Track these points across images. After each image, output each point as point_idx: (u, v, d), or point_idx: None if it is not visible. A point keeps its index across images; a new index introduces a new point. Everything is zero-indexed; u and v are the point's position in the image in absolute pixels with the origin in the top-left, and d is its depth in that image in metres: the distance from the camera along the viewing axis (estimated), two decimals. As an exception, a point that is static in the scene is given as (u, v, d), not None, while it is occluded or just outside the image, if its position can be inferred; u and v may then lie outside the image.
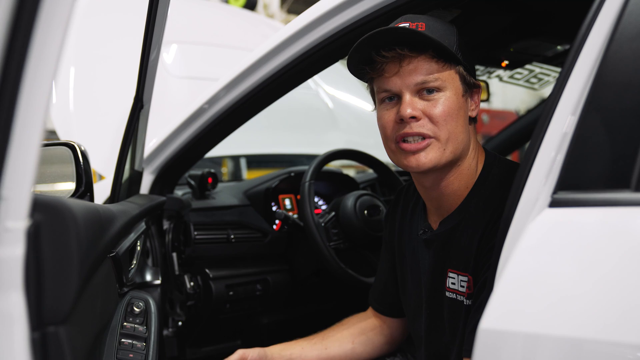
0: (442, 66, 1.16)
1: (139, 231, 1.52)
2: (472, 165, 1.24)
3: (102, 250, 0.98)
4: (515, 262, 0.82)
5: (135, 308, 1.38)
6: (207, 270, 1.95)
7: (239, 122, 1.81)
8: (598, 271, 0.75)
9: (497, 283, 0.84)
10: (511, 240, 0.88)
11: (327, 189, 2.30)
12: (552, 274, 0.79)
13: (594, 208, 0.79)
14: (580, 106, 0.86)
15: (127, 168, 1.63)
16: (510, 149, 3.00)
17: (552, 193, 0.85)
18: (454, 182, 1.24)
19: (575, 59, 0.90)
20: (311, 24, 1.44)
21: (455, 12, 1.48)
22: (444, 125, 1.16)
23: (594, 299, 0.74)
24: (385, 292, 1.54)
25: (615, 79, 0.83)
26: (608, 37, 0.86)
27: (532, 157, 0.90)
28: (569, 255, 0.78)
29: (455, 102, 1.17)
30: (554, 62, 2.17)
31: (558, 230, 0.81)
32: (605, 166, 0.81)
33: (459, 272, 1.23)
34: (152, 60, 1.47)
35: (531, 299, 0.79)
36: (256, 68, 1.59)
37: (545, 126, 0.90)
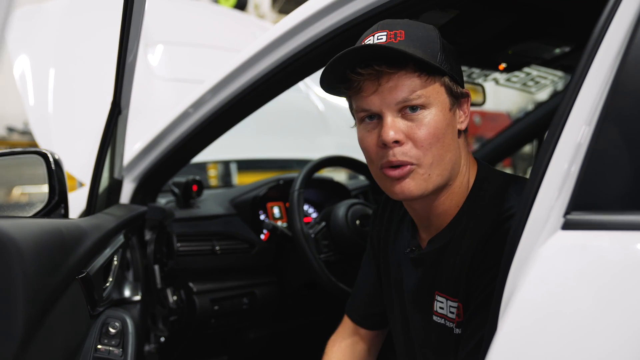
0: (426, 80, 1.04)
1: (116, 245, 1.43)
2: (463, 182, 1.14)
3: (67, 274, 0.89)
4: (525, 294, 0.73)
5: (110, 329, 1.29)
6: (191, 283, 1.86)
7: (226, 126, 1.73)
8: (621, 305, 0.66)
9: (503, 319, 0.75)
10: (518, 267, 0.79)
11: (317, 196, 2.22)
12: (567, 308, 0.70)
13: (614, 232, 0.71)
14: (595, 116, 0.77)
15: (106, 177, 1.54)
16: (505, 154, 2.94)
17: (565, 213, 0.76)
18: (445, 202, 1.13)
19: (589, 62, 0.81)
20: (302, 24, 1.36)
21: (453, 12, 1.41)
22: (429, 150, 1.04)
23: (616, 338, 0.65)
24: (368, 303, 1.44)
25: (636, 85, 0.74)
26: (627, 39, 0.78)
27: (541, 171, 0.82)
28: (587, 287, 0.69)
29: (441, 120, 1.05)
30: (552, 65, 2.11)
31: (574, 256, 0.72)
32: (625, 184, 0.72)
33: (448, 296, 1.13)
34: (130, 63, 1.38)
35: (544, 339, 0.70)
36: (244, 70, 1.51)
37: (557, 137, 0.81)
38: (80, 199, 1.90)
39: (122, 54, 1.33)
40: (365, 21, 1.27)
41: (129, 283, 1.65)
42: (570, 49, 1.91)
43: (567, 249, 0.73)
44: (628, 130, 0.74)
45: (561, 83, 2.66)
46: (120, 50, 1.32)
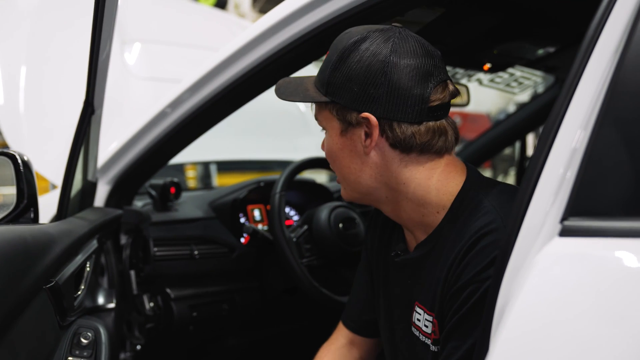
0: (320, 107, 1.13)
1: (88, 251, 1.36)
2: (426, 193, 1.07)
3: (32, 285, 0.83)
4: (520, 307, 0.68)
5: (82, 339, 1.23)
6: (168, 289, 1.80)
7: (204, 127, 1.68)
8: (622, 320, 0.63)
9: (496, 337, 0.70)
10: (511, 278, 0.74)
11: (299, 198, 2.17)
12: (565, 323, 0.66)
13: (615, 239, 0.67)
14: (592, 118, 0.74)
15: (79, 179, 1.48)
16: (487, 156, 2.93)
17: (562, 219, 0.72)
18: (408, 212, 1.10)
19: (584, 63, 0.78)
20: (282, 22, 1.32)
21: (439, 10, 1.38)
22: (334, 166, 1.16)
23: (617, 356, 0.61)
24: (363, 310, 1.40)
25: (636, 86, 0.71)
26: (624, 38, 0.74)
27: (535, 176, 0.78)
28: (585, 299, 0.65)
29: (333, 144, 1.12)
30: (536, 65, 2.10)
31: (571, 265, 0.68)
32: (627, 188, 0.69)
33: (425, 309, 1.09)
34: (103, 60, 1.33)
35: (541, 356, 0.66)
36: (223, 69, 1.47)
37: (551, 140, 0.77)
38: (52, 202, 1.83)
39: (95, 51, 1.27)
40: (348, 19, 1.24)
41: (103, 290, 1.59)
42: (554, 50, 1.89)
43: (565, 257, 0.69)
44: (628, 132, 0.70)
45: (543, 85, 2.65)
46: (92, 47, 1.26)
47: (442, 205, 1.08)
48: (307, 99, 1.11)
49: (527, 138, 3.00)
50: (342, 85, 1.04)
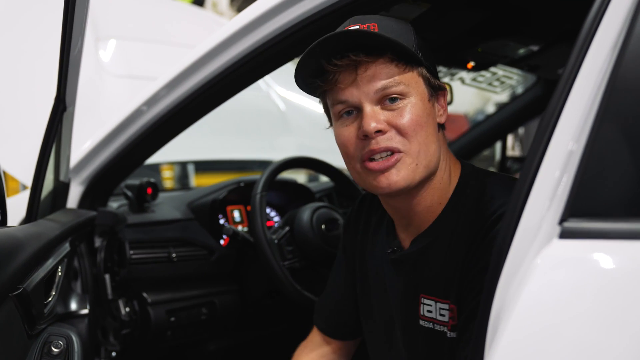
0: (404, 69, 1.02)
1: (60, 255, 1.30)
2: (444, 178, 1.09)
3: (-4, 293, 0.77)
4: (519, 314, 0.65)
5: (53, 348, 1.18)
6: (145, 294, 1.74)
7: (182, 125, 1.64)
8: (625, 324, 0.60)
9: (494, 345, 0.66)
10: (507, 282, 0.71)
11: (280, 199, 2.13)
12: (567, 329, 0.62)
13: (617, 241, 0.64)
14: (591, 117, 0.70)
15: (50, 179, 1.42)
16: (469, 156, 2.92)
17: (561, 220, 0.69)
18: (426, 198, 1.08)
19: (580, 59, 0.74)
20: (262, 17, 1.28)
21: (424, 6, 1.35)
22: (414, 137, 1.01)
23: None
24: (338, 312, 1.38)
25: (637, 83, 0.68)
26: (623, 33, 0.71)
27: (530, 176, 0.74)
28: (590, 305, 0.62)
29: (422, 109, 1.02)
30: (519, 64, 2.09)
31: (574, 269, 0.65)
32: (626, 189, 0.66)
33: (437, 298, 1.07)
34: (75, 56, 1.27)
35: None
36: (201, 66, 1.42)
37: (546, 140, 0.74)
38: (23, 204, 1.76)
39: (66, 46, 1.22)
40: (332, 13, 1.20)
41: (76, 295, 1.52)
42: (537, 49, 1.88)
43: (566, 260, 0.66)
44: (629, 131, 0.67)
45: (523, 85, 2.65)
46: (63, 41, 1.21)
47: (447, 195, 1.09)
48: (411, 47, 1.00)
49: (507, 138, 3.01)
50: (427, 53, 1.06)
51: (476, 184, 1.08)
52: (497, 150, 3.24)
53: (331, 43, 1.00)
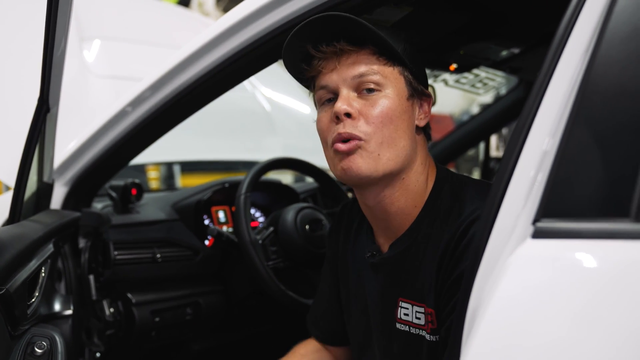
0: (384, 63, 1.06)
1: (43, 256, 1.30)
2: (420, 181, 1.10)
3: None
4: (492, 311, 0.67)
5: (37, 349, 1.17)
6: (130, 294, 1.74)
7: (167, 126, 1.63)
8: (596, 322, 0.61)
9: (469, 341, 0.68)
10: (483, 280, 0.73)
11: (264, 199, 2.13)
12: (539, 326, 0.64)
13: (588, 240, 0.66)
14: (564, 119, 0.73)
15: (34, 180, 1.42)
16: (452, 157, 2.95)
17: (534, 221, 0.71)
18: (399, 199, 1.09)
19: (554, 63, 0.77)
20: (246, 19, 1.28)
21: (407, 9, 1.36)
22: (379, 128, 1.03)
23: (595, 357, 0.60)
24: (327, 318, 1.39)
25: (606, 87, 0.70)
26: (595, 38, 0.73)
27: (505, 178, 0.76)
28: (561, 302, 0.64)
29: (396, 104, 1.05)
30: (501, 66, 2.12)
31: (546, 268, 0.67)
32: (598, 189, 0.68)
33: (413, 302, 1.09)
34: (58, 57, 1.27)
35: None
36: (186, 67, 1.42)
37: (521, 142, 0.76)
38: (5, 205, 1.75)
39: (49, 47, 1.21)
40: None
41: (59, 296, 1.52)
42: (519, 51, 1.91)
43: (538, 259, 0.68)
44: (600, 133, 0.69)
45: (506, 86, 2.68)
46: (46, 42, 1.21)
47: (423, 199, 1.10)
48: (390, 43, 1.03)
49: (491, 139, 3.04)
50: (415, 58, 1.10)
51: (450, 188, 1.10)
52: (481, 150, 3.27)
53: (317, 25, 1.04)
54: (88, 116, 1.96)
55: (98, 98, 2.48)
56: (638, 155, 0.65)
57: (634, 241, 0.64)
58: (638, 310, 0.60)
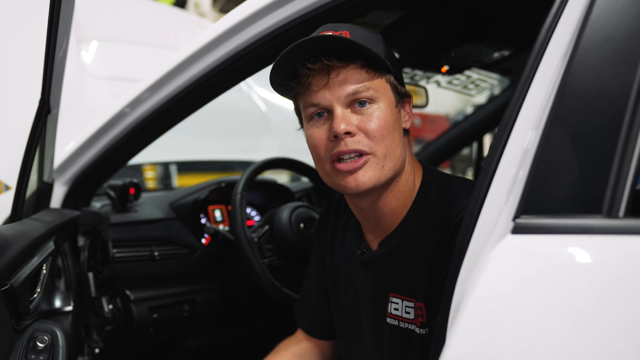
0: (373, 75, 1.07)
1: (45, 253, 1.34)
2: (409, 181, 1.14)
3: (-14, 287, 0.81)
4: (475, 301, 0.71)
5: (38, 343, 1.21)
6: (128, 291, 1.78)
7: (164, 127, 1.66)
8: (569, 311, 0.66)
9: (453, 328, 0.73)
10: (467, 273, 0.77)
11: (260, 199, 2.17)
12: (517, 315, 0.68)
13: (562, 236, 0.70)
14: (543, 120, 0.77)
15: (34, 180, 1.45)
16: (446, 156, 2.98)
17: (514, 217, 0.75)
18: (392, 200, 1.13)
19: (535, 67, 0.81)
20: (243, 22, 1.32)
21: (398, 13, 1.40)
22: (381, 141, 1.06)
23: (566, 342, 0.64)
24: (315, 313, 1.43)
25: (582, 90, 0.74)
26: (572, 45, 0.78)
27: (489, 176, 0.81)
28: (536, 292, 0.68)
29: (390, 114, 1.08)
30: (492, 68, 2.16)
31: (522, 261, 0.71)
32: (573, 188, 0.72)
33: (403, 296, 1.12)
34: (59, 59, 1.30)
35: (493, 348, 0.68)
36: (183, 69, 1.45)
37: (504, 141, 0.80)
38: (5, 204, 1.78)
39: (51, 49, 1.24)
40: (308, 20, 1.25)
41: (59, 293, 1.55)
42: (509, 53, 1.95)
43: (517, 253, 0.72)
44: (576, 135, 0.74)
45: (499, 87, 2.72)
46: (48, 45, 1.24)
47: (411, 198, 1.13)
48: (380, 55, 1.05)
49: (484, 139, 3.07)
50: (395, 62, 1.12)
51: (437, 186, 1.13)
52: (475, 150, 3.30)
53: (307, 47, 1.04)
54: (86, 116, 1.98)
55: (96, 98, 2.50)
56: (610, 156, 0.69)
57: (605, 236, 0.68)
58: (608, 299, 0.64)
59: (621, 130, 0.69)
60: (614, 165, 0.69)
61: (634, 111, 0.69)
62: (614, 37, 0.73)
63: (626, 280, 0.65)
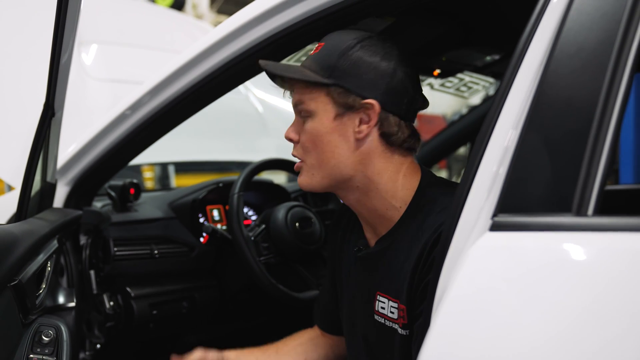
0: (311, 90, 1.15)
1: (49, 251, 1.39)
2: (395, 187, 1.17)
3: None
4: (455, 291, 0.77)
5: (44, 337, 1.26)
6: (128, 288, 1.83)
7: (164, 129, 1.70)
8: (540, 303, 0.71)
9: (435, 316, 0.79)
10: (449, 267, 0.83)
11: (257, 199, 2.22)
12: (493, 306, 0.74)
13: (536, 233, 0.76)
14: (520, 124, 0.83)
15: (38, 180, 1.49)
16: (441, 156, 3.03)
17: (493, 215, 0.81)
18: (369, 201, 1.18)
19: (514, 73, 0.87)
20: (243, 27, 1.36)
21: (389, 20, 1.45)
22: (310, 151, 1.16)
23: (536, 335, 0.70)
24: (327, 309, 1.49)
25: (555, 97, 0.80)
26: (547, 54, 0.83)
27: (472, 175, 0.86)
28: (510, 285, 0.74)
29: (324, 128, 1.14)
30: (484, 71, 2.20)
31: (499, 256, 0.77)
32: (546, 188, 0.78)
33: (389, 297, 1.17)
34: (64, 64, 1.35)
35: (472, 334, 0.74)
36: (184, 72, 1.49)
37: (486, 142, 0.86)
38: (7, 203, 1.82)
39: (56, 54, 1.29)
40: (304, 27, 1.29)
41: (63, 289, 1.61)
42: (499, 57, 2.00)
43: (494, 249, 0.78)
44: (549, 138, 0.79)
45: (492, 88, 2.77)
46: (53, 50, 1.28)
47: (404, 200, 1.17)
48: (307, 77, 1.13)
49: (475, 142, 3.12)
50: (351, 70, 1.12)
51: (431, 193, 1.16)
52: (470, 151, 3.34)
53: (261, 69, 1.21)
54: (86, 118, 2.03)
55: (96, 100, 2.54)
56: (579, 158, 0.75)
57: (574, 233, 0.74)
58: (577, 291, 0.70)
59: (589, 135, 0.75)
60: (582, 167, 0.74)
61: (601, 117, 0.75)
62: (584, 48, 0.79)
63: (594, 273, 0.71)
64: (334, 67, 1.13)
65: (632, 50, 0.76)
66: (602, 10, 0.79)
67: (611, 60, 0.76)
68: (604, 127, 0.75)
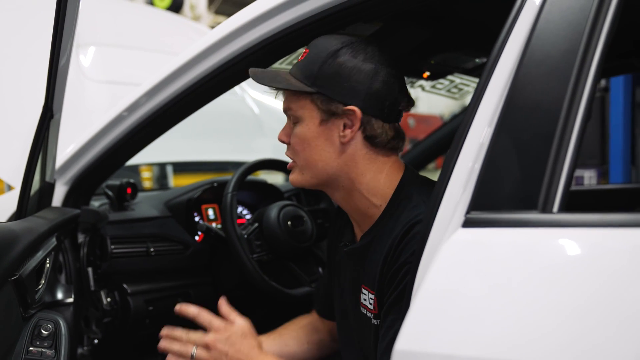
0: (298, 97, 1.22)
1: (48, 248, 1.43)
2: (376, 186, 1.23)
3: (0, 276, 0.91)
4: (430, 282, 0.83)
5: (43, 331, 1.31)
6: (125, 285, 1.87)
7: (161, 130, 1.74)
8: (507, 293, 0.77)
9: (413, 303, 0.85)
10: (427, 260, 0.88)
11: (251, 198, 2.27)
12: (464, 295, 0.80)
13: (504, 229, 0.81)
14: (493, 123, 0.88)
15: (37, 180, 1.54)
16: (435, 155, 3.07)
17: (466, 212, 0.86)
18: (357, 202, 1.25)
19: (489, 77, 0.92)
20: (237, 31, 1.41)
21: (377, 24, 1.50)
22: (298, 153, 1.24)
23: (503, 320, 0.75)
24: (324, 298, 1.57)
25: (525, 101, 0.85)
26: (518, 59, 0.89)
27: (448, 173, 0.92)
28: (480, 277, 0.79)
29: (310, 132, 1.21)
30: (473, 73, 2.25)
31: (470, 250, 0.82)
32: (515, 187, 0.83)
33: (369, 289, 1.24)
34: (62, 66, 1.39)
35: (444, 320, 0.80)
36: (180, 74, 1.53)
37: (464, 137, 0.91)
38: (7, 202, 1.87)
39: (55, 56, 1.32)
40: (297, 30, 1.34)
41: (61, 286, 1.65)
42: (486, 63, 2.04)
43: (465, 244, 0.83)
44: (517, 139, 0.85)
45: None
46: (52, 52, 1.31)
47: (385, 198, 1.23)
48: (292, 87, 1.20)
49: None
50: (332, 79, 1.18)
51: (407, 192, 1.22)
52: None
53: None
54: (84, 119, 2.07)
55: (94, 102, 2.57)
56: (544, 158, 0.80)
57: (539, 228, 0.79)
58: (540, 282, 0.75)
59: (555, 137, 0.80)
60: (548, 167, 0.80)
61: (565, 120, 0.80)
62: (551, 56, 0.84)
63: (558, 266, 0.76)
64: (316, 75, 1.19)
65: (595, 58, 0.81)
66: (568, 21, 0.84)
67: (575, 68, 0.81)
68: (569, 130, 0.80)
